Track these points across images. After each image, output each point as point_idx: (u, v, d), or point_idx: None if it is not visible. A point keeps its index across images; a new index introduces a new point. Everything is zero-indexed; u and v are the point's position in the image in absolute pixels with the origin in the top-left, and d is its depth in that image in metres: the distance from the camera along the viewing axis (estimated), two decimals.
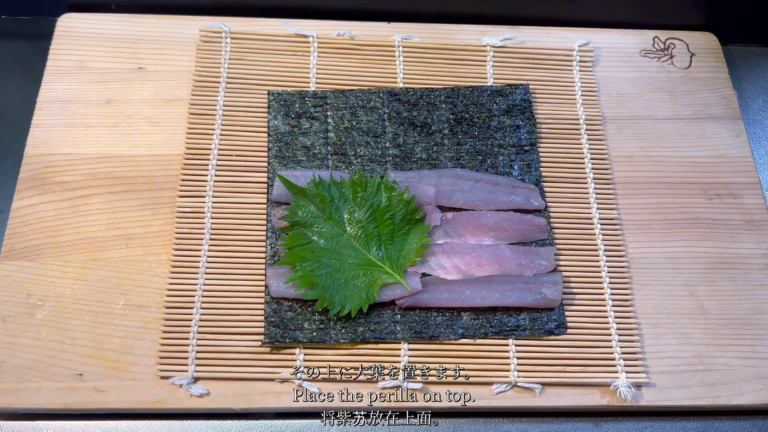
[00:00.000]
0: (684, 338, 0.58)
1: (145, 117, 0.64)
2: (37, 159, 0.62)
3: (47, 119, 0.63)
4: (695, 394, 0.56)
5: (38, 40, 0.70)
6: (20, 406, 0.53)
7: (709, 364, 0.57)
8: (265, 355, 0.55)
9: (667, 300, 0.60)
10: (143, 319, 0.56)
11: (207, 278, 0.57)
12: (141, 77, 0.66)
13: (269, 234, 0.59)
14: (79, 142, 0.63)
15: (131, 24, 0.69)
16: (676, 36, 0.73)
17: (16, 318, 0.55)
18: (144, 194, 0.61)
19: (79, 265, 0.57)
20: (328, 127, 0.64)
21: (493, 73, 0.69)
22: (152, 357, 0.54)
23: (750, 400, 0.56)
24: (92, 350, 0.54)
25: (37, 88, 0.65)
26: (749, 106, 0.74)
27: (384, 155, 0.63)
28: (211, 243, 0.59)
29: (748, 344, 0.58)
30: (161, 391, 0.53)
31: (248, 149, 0.63)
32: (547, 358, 0.56)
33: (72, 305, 0.56)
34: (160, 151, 0.63)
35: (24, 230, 0.58)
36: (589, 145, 0.66)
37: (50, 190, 0.60)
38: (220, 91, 0.65)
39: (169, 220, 0.60)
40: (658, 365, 0.57)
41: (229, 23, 0.69)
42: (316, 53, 0.68)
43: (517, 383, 0.55)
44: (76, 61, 0.66)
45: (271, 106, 0.65)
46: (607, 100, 0.69)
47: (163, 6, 0.70)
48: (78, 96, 0.65)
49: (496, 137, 0.64)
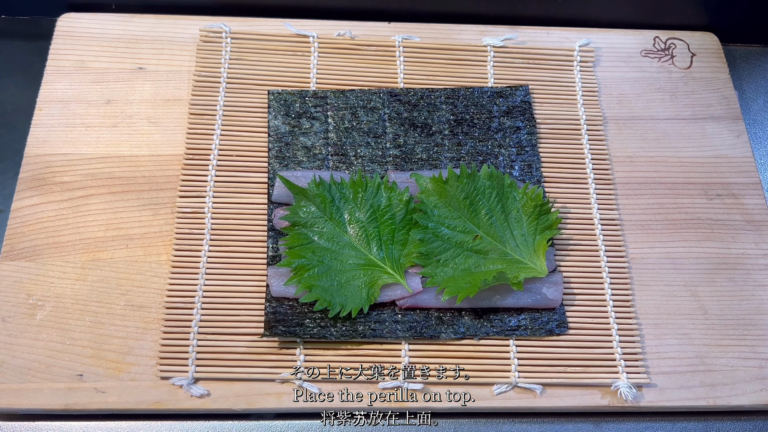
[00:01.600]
0: (684, 339, 0.58)
1: (145, 117, 0.64)
2: (37, 159, 0.61)
3: (47, 119, 0.63)
4: (696, 395, 0.56)
5: (38, 40, 0.70)
6: (20, 406, 0.52)
7: (709, 364, 0.57)
8: (266, 356, 0.55)
9: (667, 300, 0.60)
10: (143, 319, 0.56)
11: (207, 278, 0.57)
12: (141, 77, 0.66)
13: (270, 234, 0.59)
14: (79, 142, 0.63)
15: (131, 24, 0.69)
16: (677, 36, 0.73)
17: (16, 318, 0.55)
18: (144, 194, 0.61)
19: (79, 266, 0.57)
20: (329, 128, 0.64)
21: (493, 73, 0.69)
22: (152, 357, 0.54)
23: (751, 400, 0.56)
24: (92, 351, 0.54)
25: (37, 88, 0.65)
26: (750, 107, 0.74)
27: (384, 156, 0.63)
28: (212, 243, 0.59)
29: (748, 345, 0.58)
30: (161, 391, 0.53)
31: (248, 149, 0.63)
32: (547, 358, 0.56)
33: (72, 306, 0.56)
34: (160, 151, 0.63)
35: (24, 230, 0.58)
36: (589, 146, 0.66)
37: (50, 191, 0.60)
38: (221, 91, 0.65)
39: (169, 220, 0.60)
40: (658, 366, 0.57)
41: (229, 23, 0.69)
42: (317, 53, 0.68)
43: (518, 384, 0.55)
44: (76, 61, 0.66)
45: (271, 106, 0.65)
46: (607, 100, 0.69)
47: (163, 6, 0.70)
48: (78, 96, 0.65)
49: (496, 138, 0.64)
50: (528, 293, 0.57)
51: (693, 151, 0.67)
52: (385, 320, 0.56)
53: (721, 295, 0.60)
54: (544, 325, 0.57)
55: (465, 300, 0.55)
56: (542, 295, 0.57)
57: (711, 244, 0.62)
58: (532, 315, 0.57)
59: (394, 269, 0.57)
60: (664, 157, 0.66)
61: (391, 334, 0.56)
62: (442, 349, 0.56)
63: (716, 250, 0.62)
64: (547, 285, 0.57)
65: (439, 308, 0.57)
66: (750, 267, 0.61)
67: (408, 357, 0.55)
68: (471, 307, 0.57)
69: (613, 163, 0.65)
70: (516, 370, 0.55)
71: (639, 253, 0.61)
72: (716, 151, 0.67)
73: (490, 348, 0.56)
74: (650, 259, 0.61)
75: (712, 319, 0.59)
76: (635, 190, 0.64)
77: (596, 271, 0.60)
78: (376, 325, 0.56)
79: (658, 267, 0.61)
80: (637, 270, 0.61)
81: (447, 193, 0.58)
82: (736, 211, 0.64)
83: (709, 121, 0.68)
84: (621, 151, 0.66)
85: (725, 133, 0.68)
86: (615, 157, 0.66)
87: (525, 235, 0.58)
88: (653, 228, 0.63)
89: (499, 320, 0.57)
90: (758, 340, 0.58)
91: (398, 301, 0.56)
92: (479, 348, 0.56)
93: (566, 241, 0.61)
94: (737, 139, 0.67)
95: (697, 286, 0.60)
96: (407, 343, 0.56)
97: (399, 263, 0.57)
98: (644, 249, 0.62)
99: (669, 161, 0.66)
